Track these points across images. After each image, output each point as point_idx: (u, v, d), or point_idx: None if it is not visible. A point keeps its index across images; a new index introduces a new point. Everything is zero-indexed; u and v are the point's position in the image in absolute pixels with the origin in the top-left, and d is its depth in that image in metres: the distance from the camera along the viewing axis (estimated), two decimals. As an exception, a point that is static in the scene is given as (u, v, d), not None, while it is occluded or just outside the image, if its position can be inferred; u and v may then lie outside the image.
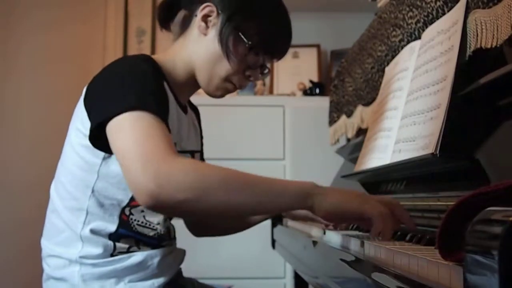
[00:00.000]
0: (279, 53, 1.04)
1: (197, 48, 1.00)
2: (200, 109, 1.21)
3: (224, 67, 0.97)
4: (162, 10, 1.07)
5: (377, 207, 0.75)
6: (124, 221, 0.95)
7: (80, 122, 0.92)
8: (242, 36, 0.95)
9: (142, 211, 0.96)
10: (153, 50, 2.82)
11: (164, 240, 1.02)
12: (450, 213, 0.47)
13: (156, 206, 0.74)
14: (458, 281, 0.41)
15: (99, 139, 0.87)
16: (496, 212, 0.36)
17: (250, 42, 0.96)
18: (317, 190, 0.77)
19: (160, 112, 0.84)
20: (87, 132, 0.90)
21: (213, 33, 0.97)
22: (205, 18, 0.98)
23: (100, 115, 0.84)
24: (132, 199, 0.94)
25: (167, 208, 0.76)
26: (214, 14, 0.97)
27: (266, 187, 0.77)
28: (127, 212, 0.95)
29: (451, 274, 0.43)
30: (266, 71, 1.04)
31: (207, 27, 0.98)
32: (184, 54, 1.01)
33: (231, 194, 0.75)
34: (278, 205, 0.80)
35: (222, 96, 1.04)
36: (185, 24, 1.03)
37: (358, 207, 0.76)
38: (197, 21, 0.99)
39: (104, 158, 0.91)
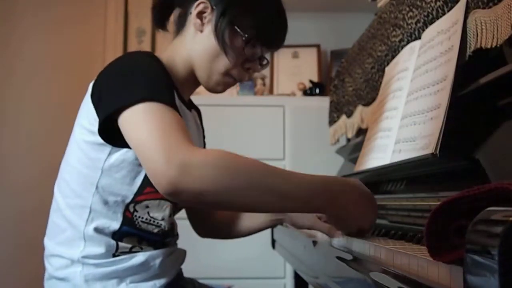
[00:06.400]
0: (276, 44, 1.04)
1: (194, 45, 1.00)
2: (200, 108, 1.21)
3: (223, 62, 0.98)
4: (156, 10, 1.07)
5: (372, 221, 0.82)
6: (128, 218, 0.95)
7: (85, 119, 0.92)
8: (238, 29, 0.96)
9: (147, 207, 0.96)
10: (153, 50, 2.82)
11: (168, 236, 1.02)
12: (433, 215, 0.47)
13: (174, 193, 0.73)
14: (458, 281, 0.41)
15: (108, 132, 0.87)
16: (496, 212, 0.36)
17: (246, 35, 0.96)
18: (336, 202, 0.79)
19: (172, 102, 0.84)
20: (92, 129, 0.90)
21: (208, 29, 0.98)
22: (200, 15, 0.98)
23: (110, 106, 0.84)
24: (136, 194, 0.94)
25: (185, 196, 0.74)
26: (209, 10, 0.97)
27: (292, 189, 0.77)
28: (131, 209, 0.95)
29: (451, 274, 0.43)
30: (265, 62, 1.04)
31: (202, 23, 0.98)
32: (182, 53, 1.02)
33: (254, 196, 0.75)
34: (300, 209, 0.84)
35: (223, 91, 1.04)
36: (181, 23, 1.04)
37: (363, 226, 0.82)
38: (192, 18, 0.99)
39: (108, 154, 0.91)
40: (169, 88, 0.89)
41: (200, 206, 0.83)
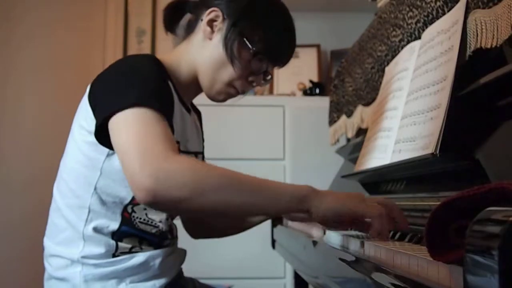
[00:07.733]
0: (283, 61, 1.05)
1: (201, 52, 1.00)
2: (200, 109, 1.21)
3: (228, 72, 0.98)
4: (168, 14, 1.07)
5: (375, 208, 0.75)
6: (126, 218, 0.95)
7: (84, 119, 0.93)
8: (247, 42, 0.97)
9: (145, 209, 0.97)
10: (153, 50, 2.82)
11: (166, 238, 1.03)
12: (433, 215, 0.47)
13: (152, 203, 0.75)
14: (458, 281, 0.41)
15: (104, 135, 0.87)
16: (496, 212, 0.36)
17: (254, 48, 0.97)
18: (313, 194, 0.77)
19: (162, 109, 0.84)
20: (91, 129, 0.90)
21: (218, 38, 0.98)
22: (210, 22, 0.99)
23: (104, 111, 0.85)
24: (134, 197, 0.94)
25: (163, 205, 0.77)
26: (220, 19, 0.98)
27: (263, 189, 0.77)
28: (129, 210, 0.95)
29: (451, 274, 0.43)
30: (269, 77, 1.05)
31: (212, 31, 0.99)
32: (188, 57, 1.02)
33: (227, 196, 0.76)
34: (274, 207, 0.80)
35: (223, 100, 1.05)
36: (190, 28, 1.04)
37: (356, 209, 0.75)
38: (202, 25, 0.99)
39: (107, 155, 0.92)
40: (161, 94, 0.89)
41: (179, 213, 0.82)
